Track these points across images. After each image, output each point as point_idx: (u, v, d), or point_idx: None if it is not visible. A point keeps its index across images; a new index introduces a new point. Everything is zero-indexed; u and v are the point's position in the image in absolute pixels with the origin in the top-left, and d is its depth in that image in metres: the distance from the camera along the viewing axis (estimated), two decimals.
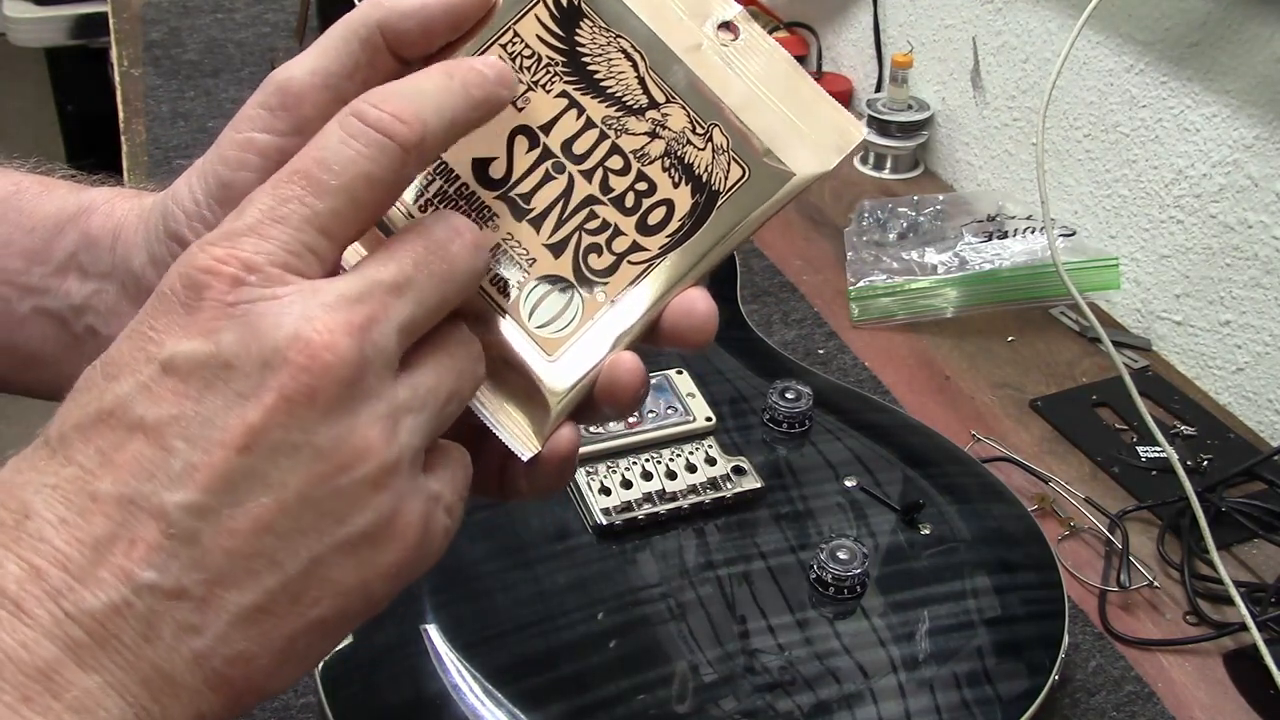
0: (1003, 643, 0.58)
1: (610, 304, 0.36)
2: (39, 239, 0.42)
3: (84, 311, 0.42)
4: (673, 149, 0.37)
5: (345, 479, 0.29)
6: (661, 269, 0.37)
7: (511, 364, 0.36)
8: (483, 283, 0.36)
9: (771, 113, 0.37)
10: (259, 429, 0.28)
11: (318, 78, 0.36)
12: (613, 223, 0.37)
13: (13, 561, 0.27)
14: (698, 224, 0.37)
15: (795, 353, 0.87)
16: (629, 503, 0.62)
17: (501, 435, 0.36)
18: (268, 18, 1.37)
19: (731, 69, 0.37)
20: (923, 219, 1.00)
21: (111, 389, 0.29)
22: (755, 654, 0.56)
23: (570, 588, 0.58)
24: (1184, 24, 0.86)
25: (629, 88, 0.37)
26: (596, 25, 0.37)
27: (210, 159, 0.38)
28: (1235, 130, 0.83)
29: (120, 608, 0.27)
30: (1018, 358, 0.90)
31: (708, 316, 0.36)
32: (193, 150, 1.10)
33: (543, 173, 0.37)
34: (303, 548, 0.29)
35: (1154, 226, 0.92)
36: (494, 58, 0.36)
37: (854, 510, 0.65)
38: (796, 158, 0.37)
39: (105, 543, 0.27)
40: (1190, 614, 0.68)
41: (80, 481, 0.28)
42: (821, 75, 1.30)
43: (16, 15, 2.25)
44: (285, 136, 0.36)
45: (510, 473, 0.37)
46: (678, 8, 0.37)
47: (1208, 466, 0.78)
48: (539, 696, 0.53)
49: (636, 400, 0.36)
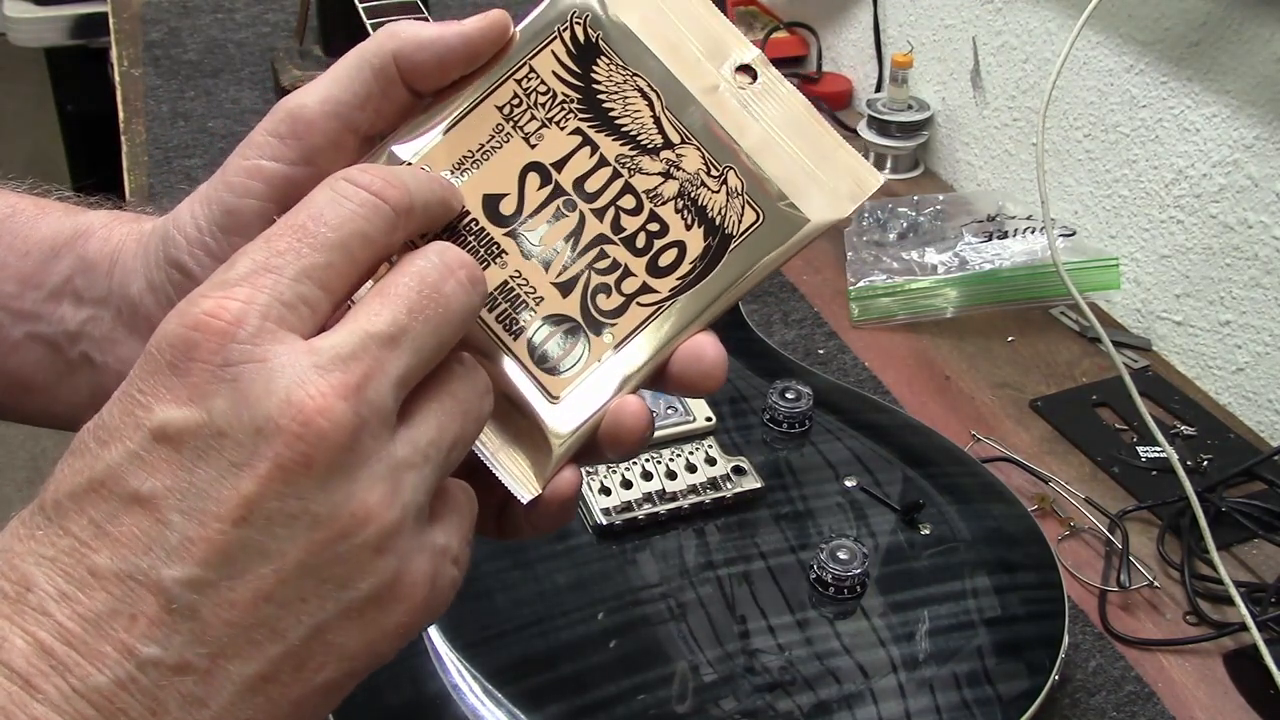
0: (1003, 643, 0.58)
1: (617, 346, 0.36)
2: (33, 263, 0.41)
3: (78, 338, 0.41)
4: (686, 190, 0.36)
5: (345, 545, 0.29)
6: (671, 312, 0.36)
7: (514, 403, 0.36)
8: (487, 319, 0.36)
9: (787, 157, 0.37)
10: (254, 500, 0.27)
11: (329, 106, 0.36)
12: (623, 263, 0.36)
13: (18, 635, 0.27)
14: (709, 267, 0.36)
15: (795, 353, 0.87)
16: (629, 503, 0.62)
17: (501, 476, 0.35)
18: (268, 18, 1.37)
19: (748, 112, 0.37)
20: (923, 219, 1.00)
21: (103, 456, 0.28)
22: (755, 654, 0.56)
23: (570, 588, 0.58)
24: (1184, 24, 0.86)
25: (644, 127, 0.37)
26: (614, 63, 0.37)
27: (215, 185, 0.37)
28: (1235, 130, 0.83)
29: (125, 683, 0.27)
30: (1018, 358, 0.90)
31: (716, 363, 0.36)
32: (193, 150, 1.10)
33: (554, 210, 0.36)
34: (305, 615, 0.28)
35: (1154, 226, 0.92)
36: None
37: (854, 510, 0.65)
38: (811, 204, 0.36)
39: (106, 618, 0.27)
40: (1190, 614, 0.68)
41: (77, 554, 0.27)
42: (821, 75, 1.30)
43: (16, 15, 2.25)
44: (293, 165, 0.36)
45: (509, 513, 0.37)
46: (696, 49, 0.37)
47: (1208, 466, 0.78)
48: (539, 696, 0.53)
49: (640, 445, 0.36)
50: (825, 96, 1.27)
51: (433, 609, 0.31)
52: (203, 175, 1.05)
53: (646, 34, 0.37)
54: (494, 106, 0.37)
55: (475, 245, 0.36)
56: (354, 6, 0.97)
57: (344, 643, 0.29)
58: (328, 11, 1.16)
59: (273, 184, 0.36)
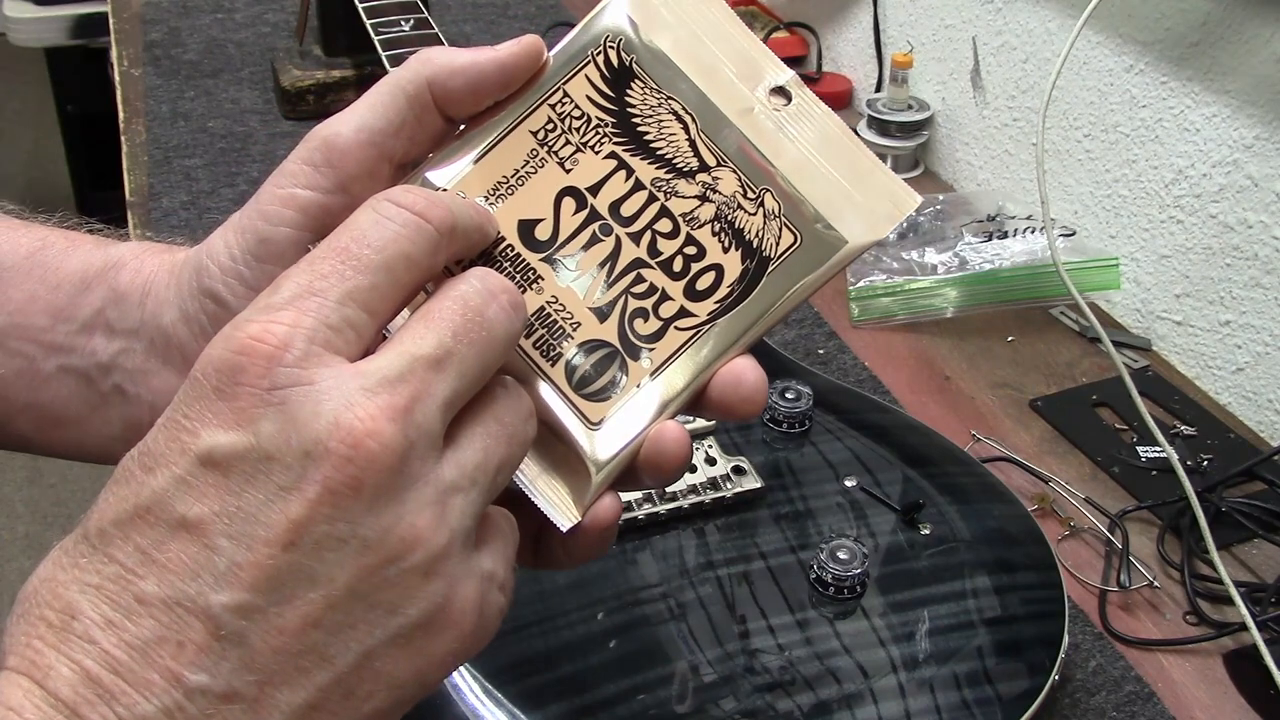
0: (1003, 643, 0.58)
1: (655, 372, 0.35)
2: (65, 296, 0.41)
3: (110, 370, 0.41)
4: (723, 213, 0.36)
5: (394, 570, 0.28)
6: (709, 336, 0.36)
7: (552, 429, 0.35)
8: (524, 345, 0.35)
9: (824, 179, 0.36)
10: (303, 524, 0.27)
11: (364, 134, 0.36)
12: (660, 287, 0.36)
13: (64, 664, 0.26)
14: (747, 291, 0.36)
15: (795, 353, 0.87)
16: (629, 503, 0.62)
17: (540, 504, 0.35)
18: (268, 18, 1.37)
19: (784, 134, 0.37)
20: (923, 219, 1.00)
21: (149, 483, 0.28)
22: (755, 654, 0.56)
23: (570, 587, 0.58)
24: (1184, 24, 0.86)
25: (680, 150, 0.36)
26: (648, 87, 0.37)
27: (249, 213, 0.37)
28: (1235, 130, 0.83)
29: (173, 711, 0.27)
30: (1018, 358, 0.90)
31: (757, 387, 0.35)
32: (193, 150, 1.10)
33: (590, 235, 0.36)
34: (354, 642, 0.28)
35: (1154, 226, 0.92)
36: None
37: (854, 510, 0.65)
38: (849, 225, 0.36)
39: (153, 645, 0.27)
40: (1190, 614, 0.68)
41: (123, 581, 0.27)
42: (821, 75, 1.30)
43: (16, 15, 2.25)
44: (328, 194, 0.36)
45: (546, 541, 0.36)
46: (730, 71, 0.37)
47: (1208, 466, 0.78)
48: (539, 696, 0.53)
49: (681, 470, 0.35)
50: (825, 96, 1.25)
51: (481, 636, 0.31)
52: (203, 175, 1.06)
53: (680, 57, 0.37)
54: (528, 132, 0.37)
55: (511, 271, 0.36)
56: (354, 6, 0.97)
57: (393, 670, 0.29)
58: (328, 11, 1.16)
59: (307, 212, 0.36)
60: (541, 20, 1.39)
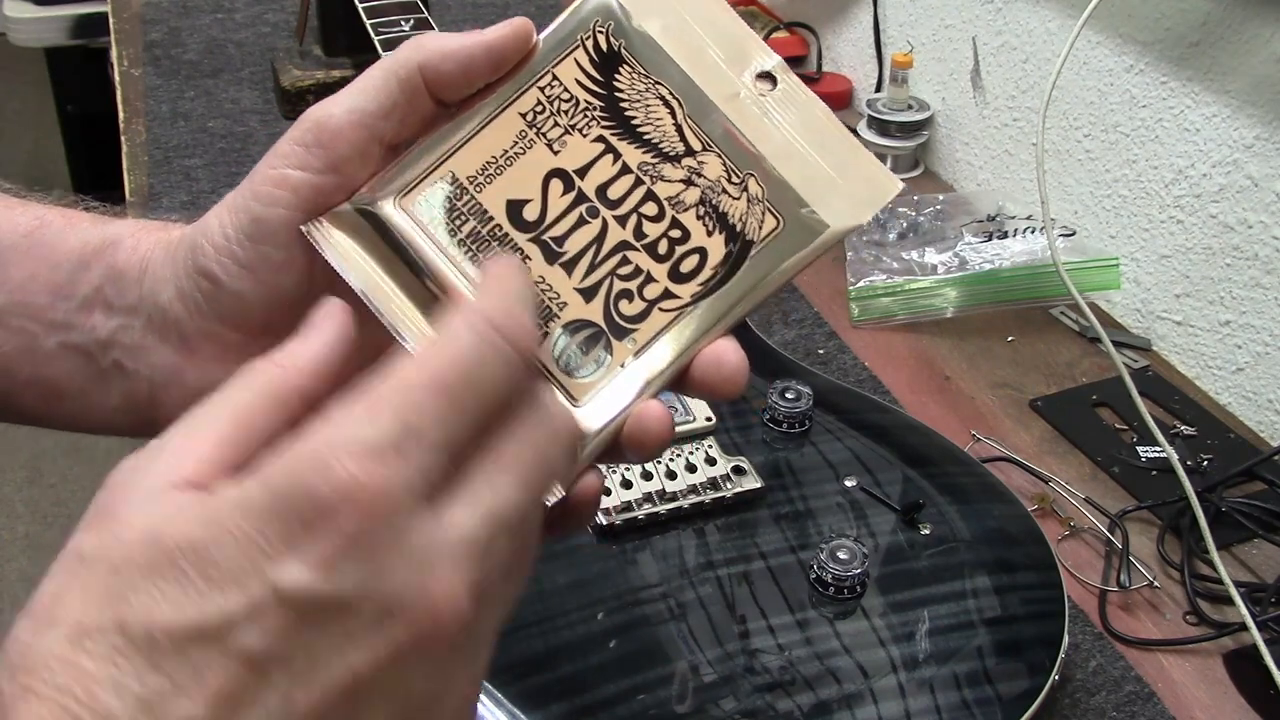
0: (1003, 643, 0.58)
1: (639, 351, 0.36)
2: (64, 274, 0.41)
3: (110, 346, 0.41)
4: (708, 197, 0.37)
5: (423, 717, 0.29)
6: (692, 317, 0.36)
7: None
8: None
9: (808, 164, 0.37)
10: (363, 675, 0.27)
11: (355, 116, 0.36)
12: (645, 269, 0.37)
13: None
14: (730, 273, 0.37)
15: (795, 353, 0.87)
16: (629, 502, 0.62)
17: None
18: (268, 18, 1.37)
19: (769, 119, 0.37)
20: (923, 219, 1.00)
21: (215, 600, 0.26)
22: (755, 654, 0.56)
23: (570, 587, 0.58)
24: (1184, 24, 0.86)
25: (666, 134, 0.37)
26: (636, 71, 0.37)
27: (242, 194, 0.38)
28: (1235, 130, 0.83)
29: None
30: (1018, 358, 0.90)
31: (738, 368, 0.36)
32: (193, 150, 1.10)
33: (576, 217, 0.37)
34: None
35: (1154, 226, 0.92)
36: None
37: (854, 510, 0.65)
38: (832, 210, 0.37)
39: None
40: (1190, 614, 0.68)
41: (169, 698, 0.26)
42: (821, 75, 1.30)
43: (16, 15, 2.25)
44: (319, 174, 0.36)
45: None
46: (717, 56, 0.38)
47: (1208, 466, 0.78)
48: (539, 696, 0.53)
49: (662, 448, 0.36)
50: (825, 96, 1.25)
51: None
52: (203, 175, 1.06)
53: (668, 42, 0.37)
54: (518, 113, 0.37)
55: (500, 251, 0.36)
56: (354, 6, 0.97)
57: None
58: (328, 11, 1.16)
59: (299, 193, 0.36)
60: (541, 21, 1.39)
